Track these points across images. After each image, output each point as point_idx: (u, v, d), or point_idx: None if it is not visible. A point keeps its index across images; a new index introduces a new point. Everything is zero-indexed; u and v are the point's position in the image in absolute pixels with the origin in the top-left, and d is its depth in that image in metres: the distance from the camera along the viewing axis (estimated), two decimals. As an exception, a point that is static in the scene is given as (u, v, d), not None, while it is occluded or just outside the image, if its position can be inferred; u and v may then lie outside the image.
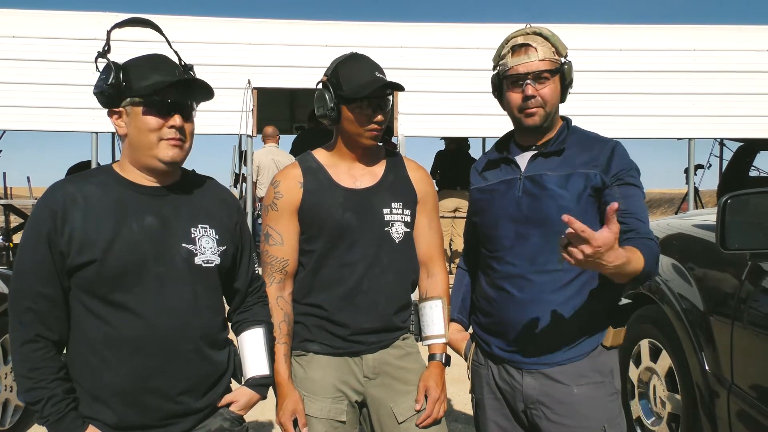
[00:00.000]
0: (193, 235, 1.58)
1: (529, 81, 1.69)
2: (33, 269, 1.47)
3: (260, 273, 1.85)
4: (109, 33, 1.55)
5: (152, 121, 1.50)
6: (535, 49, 1.69)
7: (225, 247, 1.63)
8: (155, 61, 1.55)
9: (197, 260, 1.57)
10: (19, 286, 1.48)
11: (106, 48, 1.53)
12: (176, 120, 1.51)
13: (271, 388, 1.81)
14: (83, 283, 1.48)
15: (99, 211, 1.49)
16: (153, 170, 1.56)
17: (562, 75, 1.73)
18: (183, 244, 1.56)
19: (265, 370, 1.71)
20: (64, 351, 1.53)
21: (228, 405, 1.65)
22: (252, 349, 1.72)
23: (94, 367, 1.49)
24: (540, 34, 1.73)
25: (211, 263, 1.60)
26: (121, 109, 1.51)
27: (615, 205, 1.35)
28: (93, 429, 1.48)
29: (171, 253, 1.54)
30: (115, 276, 1.47)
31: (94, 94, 1.52)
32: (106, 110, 1.55)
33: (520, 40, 1.72)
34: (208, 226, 1.61)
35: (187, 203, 1.61)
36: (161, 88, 1.48)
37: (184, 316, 1.54)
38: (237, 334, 1.76)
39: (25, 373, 1.45)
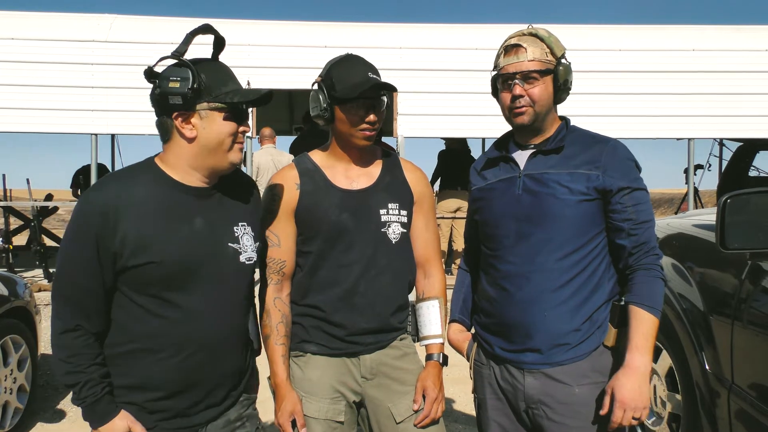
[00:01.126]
0: (236, 234, 1.64)
1: (517, 81, 1.71)
2: (77, 264, 1.50)
3: None
4: (190, 37, 1.56)
5: (231, 126, 1.55)
6: (525, 49, 1.71)
7: (258, 243, 1.70)
8: (224, 67, 1.59)
9: (242, 258, 1.64)
10: (62, 279, 1.53)
11: (183, 50, 1.54)
12: (248, 126, 1.60)
13: (270, 389, 1.83)
14: (135, 282, 1.52)
15: (151, 212, 1.52)
16: (215, 172, 1.61)
17: (555, 76, 1.73)
18: (229, 244, 1.62)
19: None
20: (104, 341, 1.58)
21: (246, 392, 1.75)
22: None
23: (138, 360, 1.55)
24: (535, 35, 1.74)
25: (252, 260, 1.67)
26: (193, 112, 1.52)
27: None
28: (124, 413, 1.54)
29: (221, 253, 1.60)
30: (170, 277, 1.52)
31: (163, 95, 1.50)
32: (161, 111, 1.54)
33: (513, 40, 1.74)
34: (246, 224, 1.67)
35: (228, 202, 1.66)
36: (251, 100, 1.54)
37: (230, 314, 1.62)
38: None
39: (64, 358, 1.51)
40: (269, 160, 7.17)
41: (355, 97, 1.73)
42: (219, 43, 1.63)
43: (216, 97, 1.52)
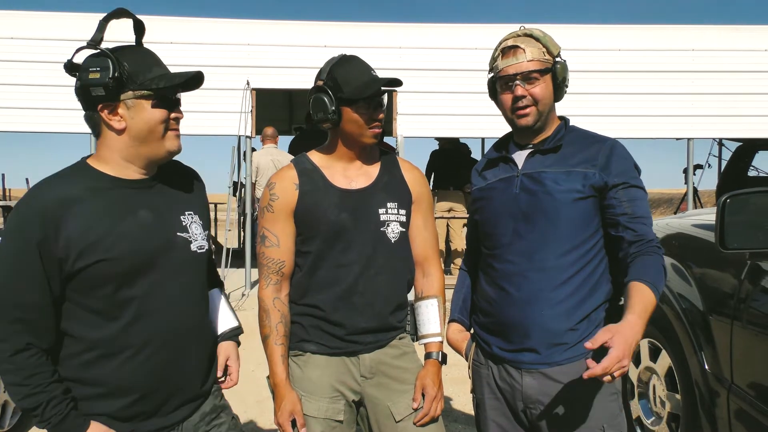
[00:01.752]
0: (184, 223, 1.60)
1: (518, 81, 1.71)
2: (21, 279, 1.40)
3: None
4: (104, 23, 1.51)
5: (161, 113, 1.49)
6: (524, 50, 1.71)
7: (207, 231, 1.67)
8: (148, 52, 1.53)
9: (193, 247, 1.60)
10: (5, 297, 1.42)
11: (98, 38, 1.48)
12: (180, 112, 1.55)
13: (269, 389, 1.83)
14: (86, 285, 1.44)
15: (93, 211, 1.45)
16: (152, 162, 1.55)
17: (553, 74, 1.74)
18: (178, 233, 1.58)
19: (234, 323, 1.83)
20: (58, 357, 1.50)
21: (219, 380, 1.75)
22: (216, 307, 1.81)
23: (102, 367, 1.48)
24: (530, 35, 1.75)
25: (203, 249, 1.63)
26: (118, 102, 1.45)
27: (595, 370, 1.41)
28: (96, 425, 1.47)
29: (171, 244, 1.55)
30: (122, 273, 1.46)
31: (83, 87, 1.44)
32: (86, 106, 1.48)
33: (509, 42, 1.75)
34: (193, 212, 1.63)
35: (171, 192, 1.61)
36: (178, 84, 1.47)
37: (190, 305, 1.58)
38: None
39: (20, 381, 1.42)
40: (269, 160, 7.17)
41: (365, 97, 1.73)
42: (139, 28, 1.56)
43: (141, 85, 1.45)
